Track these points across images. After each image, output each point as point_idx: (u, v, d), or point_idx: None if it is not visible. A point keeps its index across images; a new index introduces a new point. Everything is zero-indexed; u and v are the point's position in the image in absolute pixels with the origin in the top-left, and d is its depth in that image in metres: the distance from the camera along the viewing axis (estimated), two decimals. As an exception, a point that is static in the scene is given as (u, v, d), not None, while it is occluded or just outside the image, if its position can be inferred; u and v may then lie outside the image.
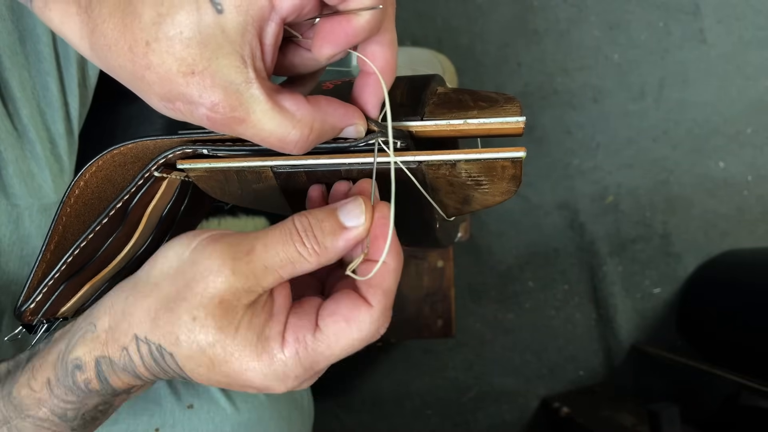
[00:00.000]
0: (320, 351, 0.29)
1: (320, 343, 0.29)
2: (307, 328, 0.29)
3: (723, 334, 1.00)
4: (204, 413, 0.53)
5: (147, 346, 0.29)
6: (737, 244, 1.11)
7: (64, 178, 0.50)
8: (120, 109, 0.62)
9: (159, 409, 0.52)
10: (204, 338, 0.28)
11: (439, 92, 0.35)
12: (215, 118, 0.26)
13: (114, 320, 0.30)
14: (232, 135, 0.28)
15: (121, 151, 0.35)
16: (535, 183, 1.10)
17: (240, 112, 0.26)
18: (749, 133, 1.11)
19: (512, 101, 0.33)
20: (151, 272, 0.29)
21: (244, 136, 0.27)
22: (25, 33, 0.45)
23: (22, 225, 0.47)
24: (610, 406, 1.03)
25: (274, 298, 0.29)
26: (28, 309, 0.35)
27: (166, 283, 0.29)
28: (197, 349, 0.28)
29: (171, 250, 0.30)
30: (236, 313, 0.28)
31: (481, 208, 0.35)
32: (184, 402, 0.53)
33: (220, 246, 0.28)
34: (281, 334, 0.29)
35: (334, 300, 0.30)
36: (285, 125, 0.27)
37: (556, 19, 1.09)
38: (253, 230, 0.87)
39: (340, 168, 0.33)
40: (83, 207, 0.35)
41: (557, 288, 1.12)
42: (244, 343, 0.28)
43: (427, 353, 1.12)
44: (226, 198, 0.37)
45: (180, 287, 0.28)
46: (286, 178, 0.34)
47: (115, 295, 0.30)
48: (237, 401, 0.54)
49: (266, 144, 0.28)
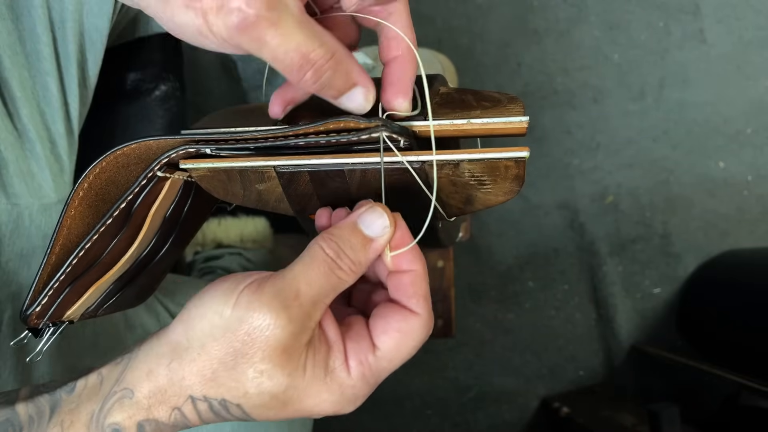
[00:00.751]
0: (383, 367, 0.30)
1: (381, 360, 0.30)
2: (367, 350, 0.30)
3: (723, 334, 1.00)
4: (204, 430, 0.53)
5: (206, 403, 0.29)
6: (737, 244, 1.12)
7: (64, 178, 0.50)
8: (120, 109, 0.62)
9: None
10: (275, 387, 0.28)
11: (442, 92, 0.35)
12: (246, 17, 0.25)
13: (157, 386, 0.30)
14: (249, 50, 0.27)
15: (124, 151, 0.35)
16: (535, 183, 1.10)
17: (274, 15, 0.26)
18: (749, 133, 1.11)
19: (515, 101, 0.33)
20: (192, 335, 0.29)
21: (265, 51, 0.27)
22: (24, 33, 0.45)
23: (22, 224, 0.47)
24: (610, 406, 1.03)
25: (325, 329, 0.30)
26: (33, 312, 0.35)
27: (216, 345, 0.29)
28: (269, 398, 0.29)
29: (208, 309, 0.29)
30: (300, 355, 0.29)
31: (484, 208, 0.35)
32: None
33: (266, 298, 0.28)
34: (345, 362, 0.30)
35: (382, 316, 0.31)
36: (312, 41, 0.27)
37: (556, 19, 1.09)
38: (253, 231, 0.88)
39: (343, 168, 0.33)
40: (87, 209, 0.35)
41: (557, 288, 1.12)
42: (314, 381, 0.29)
43: (427, 353, 1.12)
44: (229, 198, 0.37)
45: (236, 347, 0.28)
46: (289, 179, 0.34)
47: (152, 360, 0.30)
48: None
49: (285, 62, 0.28)
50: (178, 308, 0.60)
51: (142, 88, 0.61)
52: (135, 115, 0.61)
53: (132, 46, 0.59)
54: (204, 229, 0.87)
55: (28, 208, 0.47)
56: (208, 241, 0.87)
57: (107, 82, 0.53)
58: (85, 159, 0.51)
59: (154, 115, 0.62)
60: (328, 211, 0.35)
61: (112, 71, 0.52)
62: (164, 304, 0.60)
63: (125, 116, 0.61)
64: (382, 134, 0.31)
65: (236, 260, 0.84)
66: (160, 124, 0.62)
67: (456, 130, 0.32)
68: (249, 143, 0.33)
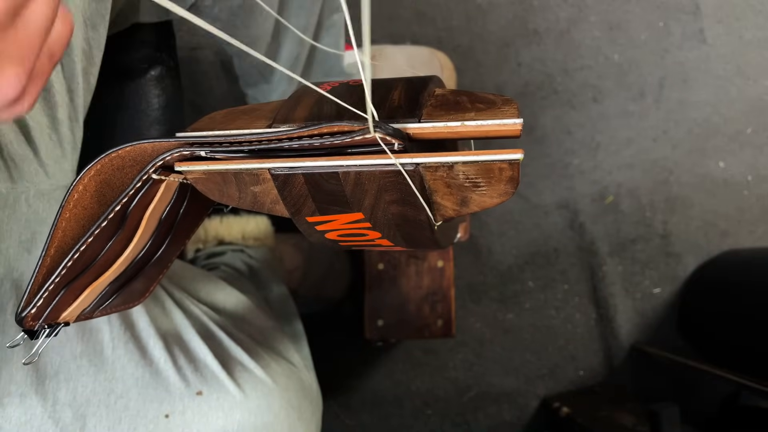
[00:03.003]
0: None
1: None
2: None
3: (723, 334, 1.00)
4: (213, 400, 0.53)
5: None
6: (737, 244, 1.11)
7: (64, 165, 0.49)
8: (115, 90, 0.61)
9: (168, 396, 0.52)
10: None
11: (437, 94, 0.35)
12: None
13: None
14: None
15: (119, 154, 0.35)
16: (535, 183, 1.10)
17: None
18: (749, 133, 1.11)
19: (510, 103, 0.33)
20: None
21: None
22: None
23: (20, 209, 0.47)
24: (610, 406, 1.03)
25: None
26: (29, 314, 0.35)
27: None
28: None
29: None
30: None
31: (479, 210, 0.35)
32: (193, 389, 0.53)
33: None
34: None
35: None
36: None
37: (556, 19, 1.09)
38: (255, 228, 0.89)
39: (338, 170, 0.33)
40: (82, 211, 0.35)
41: (557, 288, 1.12)
42: None
43: (427, 353, 1.12)
44: (224, 200, 0.37)
45: None
46: (284, 181, 0.34)
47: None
48: (246, 388, 0.55)
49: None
50: (181, 293, 0.60)
51: (136, 69, 0.60)
52: (130, 96, 0.61)
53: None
54: (206, 226, 0.88)
55: (24, 193, 0.47)
56: (210, 238, 0.87)
57: (102, 63, 0.53)
58: (85, 147, 0.51)
59: (150, 95, 0.61)
60: None
61: (105, 53, 0.52)
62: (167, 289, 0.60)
63: (120, 96, 0.61)
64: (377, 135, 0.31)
65: (239, 256, 0.84)
66: (157, 104, 0.62)
67: (450, 132, 0.33)
68: (244, 146, 0.34)
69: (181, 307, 0.58)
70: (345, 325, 1.10)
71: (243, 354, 0.58)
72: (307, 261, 1.00)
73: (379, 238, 0.38)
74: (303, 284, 0.99)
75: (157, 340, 0.53)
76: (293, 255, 0.99)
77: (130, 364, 0.51)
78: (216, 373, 0.54)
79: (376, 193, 0.34)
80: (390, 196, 0.34)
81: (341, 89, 0.35)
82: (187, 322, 0.57)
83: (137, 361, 0.52)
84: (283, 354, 0.65)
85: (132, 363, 0.52)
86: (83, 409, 0.49)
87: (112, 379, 0.51)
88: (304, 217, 0.36)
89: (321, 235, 0.38)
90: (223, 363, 0.56)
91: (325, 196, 0.35)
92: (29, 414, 0.47)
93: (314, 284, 1.02)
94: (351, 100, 0.33)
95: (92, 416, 0.49)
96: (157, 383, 0.52)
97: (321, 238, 0.39)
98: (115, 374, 0.51)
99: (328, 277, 1.05)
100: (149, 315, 0.54)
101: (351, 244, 0.39)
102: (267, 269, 0.83)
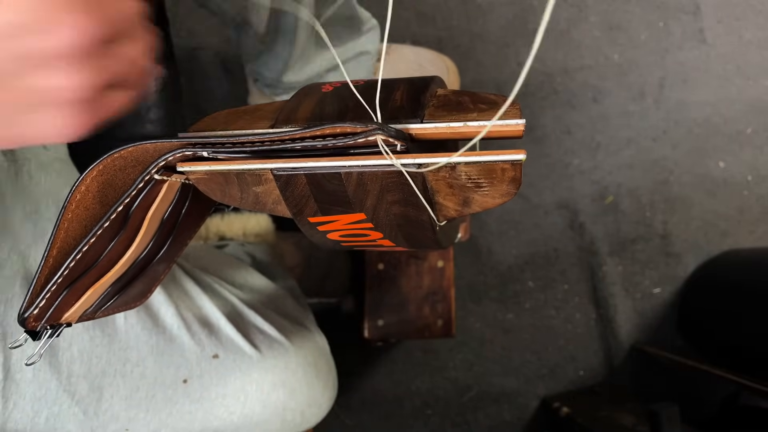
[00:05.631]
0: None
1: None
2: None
3: (723, 334, 1.00)
4: (230, 362, 0.53)
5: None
6: (737, 244, 1.11)
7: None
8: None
9: (184, 362, 0.52)
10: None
11: (439, 94, 0.35)
12: None
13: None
14: None
15: (121, 154, 0.35)
16: (535, 183, 1.10)
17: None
18: (749, 133, 1.11)
19: (512, 103, 0.33)
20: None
21: None
22: None
23: (21, 181, 0.47)
24: (610, 406, 1.03)
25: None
26: (31, 315, 0.35)
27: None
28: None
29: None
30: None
31: (481, 210, 0.35)
32: (209, 352, 0.53)
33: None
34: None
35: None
36: None
37: (556, 19, 1.09)
38: (256, 225, 0.89)
39: (340, 171, 0.33)
40: (85, 211, 0.35)
41: (557, 288, 1.12)
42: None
43: (427, 353, 1.12)
44: (226, 200, 0.37)
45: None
46: (286, 181, 0.34)
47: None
48: (262, 348, 0.54)
49: None
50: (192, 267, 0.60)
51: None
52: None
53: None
54: (207, 223, 0.88)
55: (26, 164, 0.47)
56: (212, 234, 0.88)
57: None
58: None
59: (149, 95, 0.61)
60: None
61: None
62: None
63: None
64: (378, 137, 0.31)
65: (241, 248, 0.84)
66: (156, 104, 0.61)
67: (452, 132, 0.33)
68: (246, 146, 0.34)
69: (191, 276, 0.58)
70: (345, 325, 1.10)
71: (257, 316, 0.58)
72: (307, 260, 1.00)
73: (380, 238, 0.38)
74: (303, 283, 0.99)
75: (168, 306, 0.53)
76: (293, 253, 0.99)
77: (144, 332, 0.51)
78: (231, 336, 0.54)
79: (378, 194, 0.34)
80: (392, 197, 0.34)
81: (343, 90, 0.35)
82: (199, 289, 0.57)
83: (150, 329, 0.52)
84: (297, 319, 0.65)
85: (146, 331, 0.51)
86: (99, 380, 0.49)
87: (126, 348, 0.50)
88: (306, 218, 0.36)
89: (323, 235, 0.38)
90: (237, 326, 0.56)
91: (327, 196, 0.35)
92: (44, 389, 0.47)
93: (314, 283, 1.02)
94: (354, 101, 0.33)
95: (108, 386, 0.49)
96: (172, 349, 0.52)
97: (323, 239, 0.39)
98: (129, 343, 0.51)
99: (328, 276, 1.05)
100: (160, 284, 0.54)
101: (353, 244, 0.39)
102: (270, 262, 0.83)
